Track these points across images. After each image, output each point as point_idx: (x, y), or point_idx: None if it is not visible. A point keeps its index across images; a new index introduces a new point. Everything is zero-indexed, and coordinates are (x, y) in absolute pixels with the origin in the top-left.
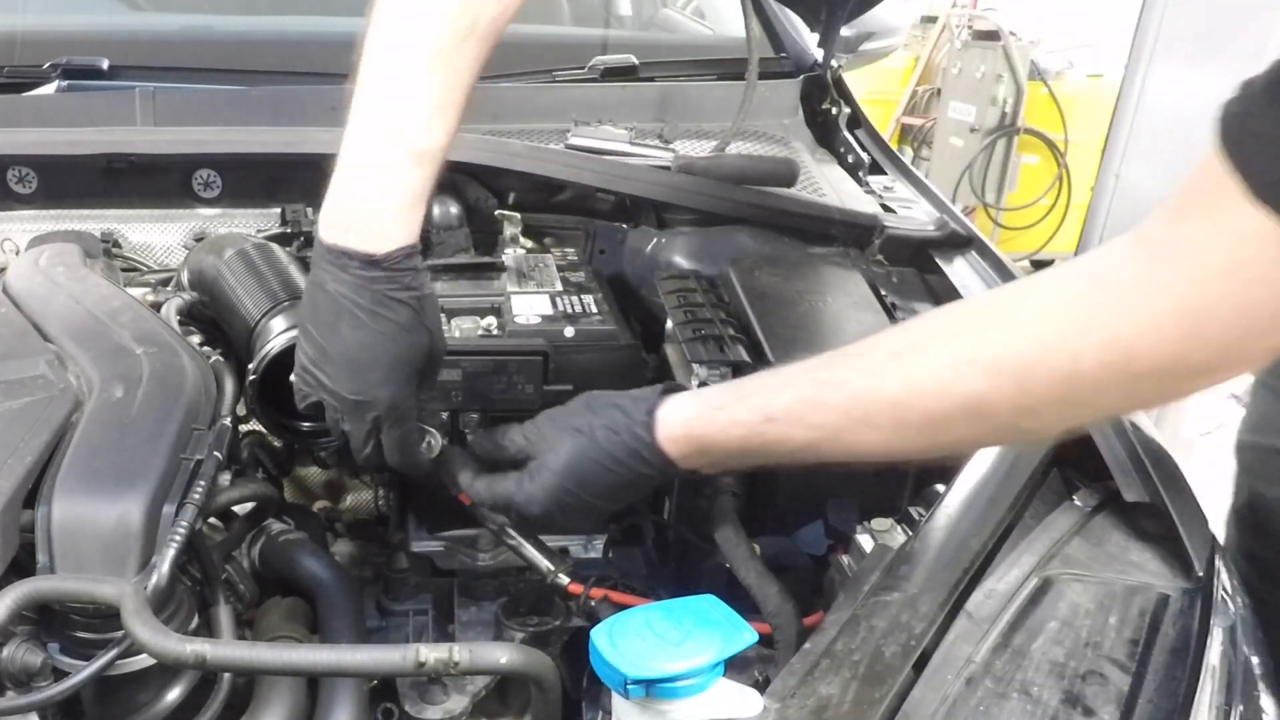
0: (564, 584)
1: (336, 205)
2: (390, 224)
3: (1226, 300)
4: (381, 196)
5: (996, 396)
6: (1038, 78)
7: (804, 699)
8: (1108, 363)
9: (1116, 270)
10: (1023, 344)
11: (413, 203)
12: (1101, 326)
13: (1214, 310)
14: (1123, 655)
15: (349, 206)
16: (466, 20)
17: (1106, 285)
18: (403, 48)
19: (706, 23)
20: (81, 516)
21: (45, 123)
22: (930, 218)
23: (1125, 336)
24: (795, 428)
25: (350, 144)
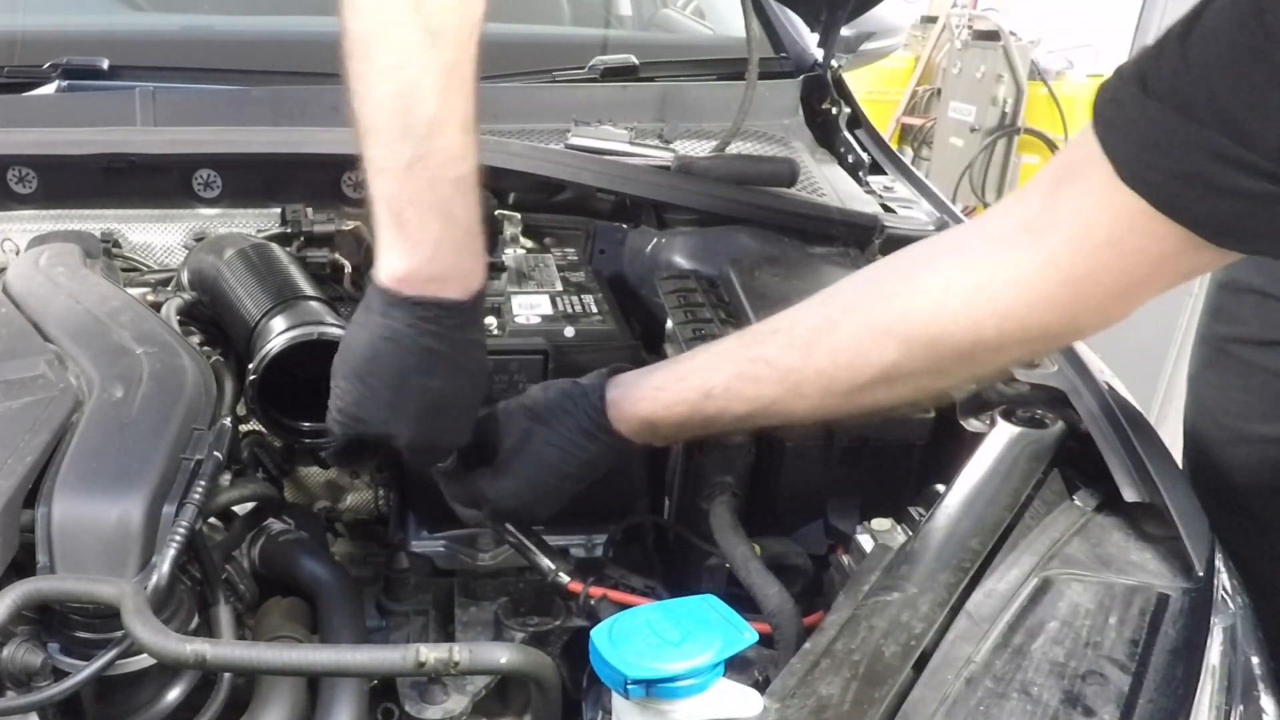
0: (564, 583)
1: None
2: (467, 258)
3: (1108, 269)
4: (451, 232)
5: (910, 363)
6: (1038, 78)
7: (804, 699)
8: (1005, 330)
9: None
10: (929, 315)
11: (477, 231)
12: (997, 299)
13: (1097, 278)
14: (1123, 655)
15: (425, 254)
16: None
17: (1000, 260)
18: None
19: (706, 23)
20: (81, 516)
21: (45, 123)
22: (930, 218)
23: (1019, 307)
24: (733, 402)
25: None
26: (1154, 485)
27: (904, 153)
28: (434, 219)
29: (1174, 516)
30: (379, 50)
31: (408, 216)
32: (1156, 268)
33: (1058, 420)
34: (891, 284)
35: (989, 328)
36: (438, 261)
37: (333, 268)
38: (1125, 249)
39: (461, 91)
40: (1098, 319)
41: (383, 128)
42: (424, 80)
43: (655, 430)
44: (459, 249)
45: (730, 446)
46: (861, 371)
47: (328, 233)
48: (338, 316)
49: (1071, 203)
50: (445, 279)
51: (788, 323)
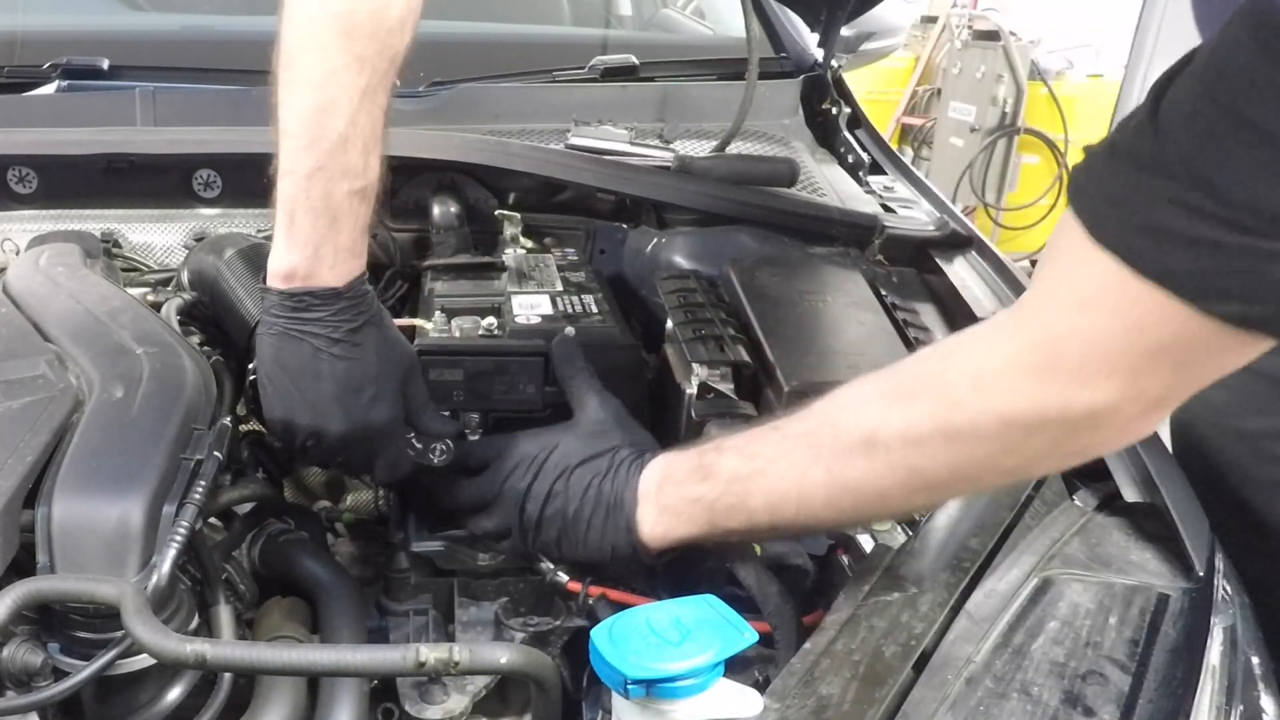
0: (564, 583)
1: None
2: (345, 260)
3: (1079, 332)
4: (337, 236)
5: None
6: (1038, 78)
7: (804, 699)
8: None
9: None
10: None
11: (360, 237)
12: (970, 357)
13: (1067, 342)
14: (1123, 655)
15: (306, 253)
16: (388, 57)
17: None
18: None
19: (706, 23)
20: (81, 516)
21: (45, 123)
22: (930, 218)
23: (989, 370)
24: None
25: (291, 191)
26: (1154, 485)
27: (904, 153)
28: (321, 224)
29: (1174, 516)
30: (305, 66)
31: (298, 219)
32: (1135, 335)
33: None
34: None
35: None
36: (317, 261)
37: None
38: (1098, 311)
39: (371, 114)
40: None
41: (295, 135)
42: (340, 99)
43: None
44: (338, 252)
45: None
46: (846, 434)
47: None
48: None
49: (1048, 268)
50: (322, 276)
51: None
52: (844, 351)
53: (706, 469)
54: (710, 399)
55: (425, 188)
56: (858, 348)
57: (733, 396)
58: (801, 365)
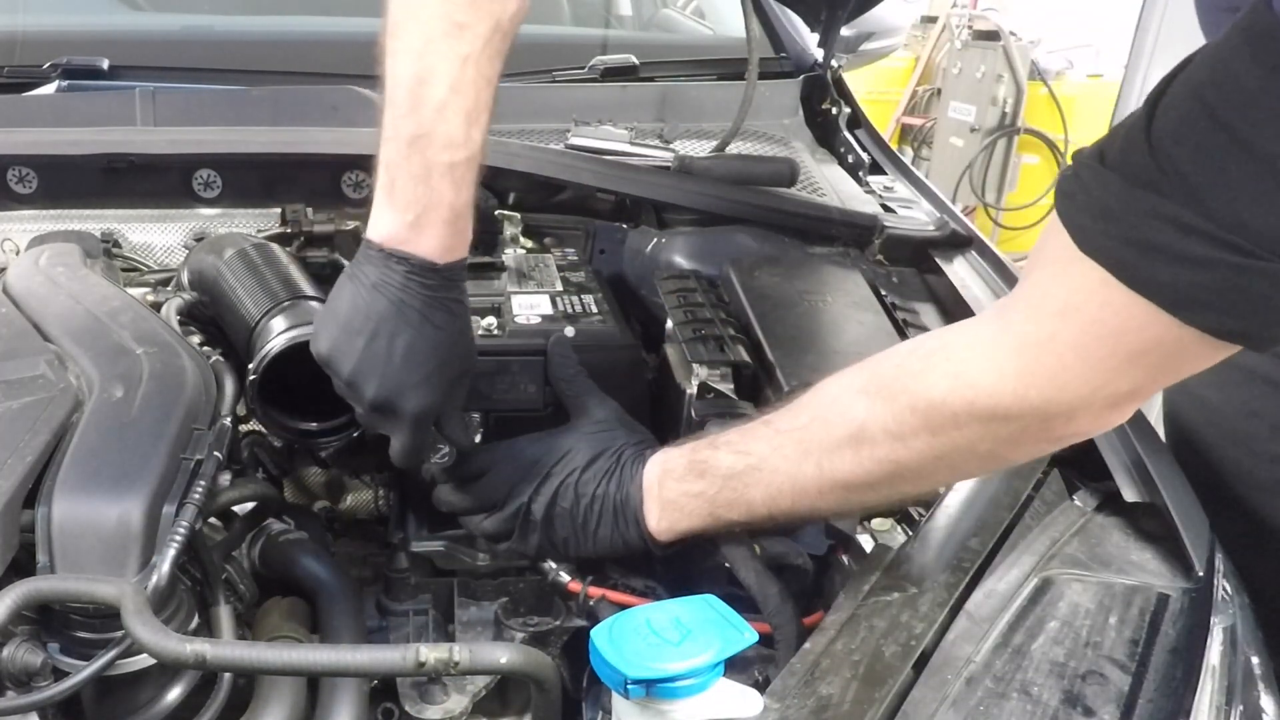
0: (564, 583)
1: (393, 218)
2: (448, 234)
3: (1061, 337)
4: (438, 207)
5: (873, 422)
6: (1038, 78)
7: (804, 699)
8: (957, 392)
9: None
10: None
11: (464, 213)
12: (952, 359)
13: (1049, 347)
14: (1123, 655)
15: (408, 218)
16: (489, 23)
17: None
18: (433, 56)
19: (706, 23)
20: (81, 516)
21: (45, 123)
22: (930, 218)
23: (972, 370)
24: None
25: (393, 157)
26: (1154, 485)
27: (904, 153)
28: (421, 191)
29: (1174, 516)
30: (406, 33)
31: (400, 185)
32: (1115, 341)
33: None
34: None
35: (941, 387)
36: (418, 228)
37: (333, 268)
38: (1081, 318)
39: (474, 84)
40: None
41: (398, 102)
42: (439, 67)
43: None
44: (439, 224)
45: None
46: (834, 429)
47: (328, 233)
48: None
49: (1037, 274)
50: (422, 244)
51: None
52: (844, 351)
53: (703, 465)
54: (710, 399)
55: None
56: (858, 348)
57: (733, 396)
58: (801, 365)
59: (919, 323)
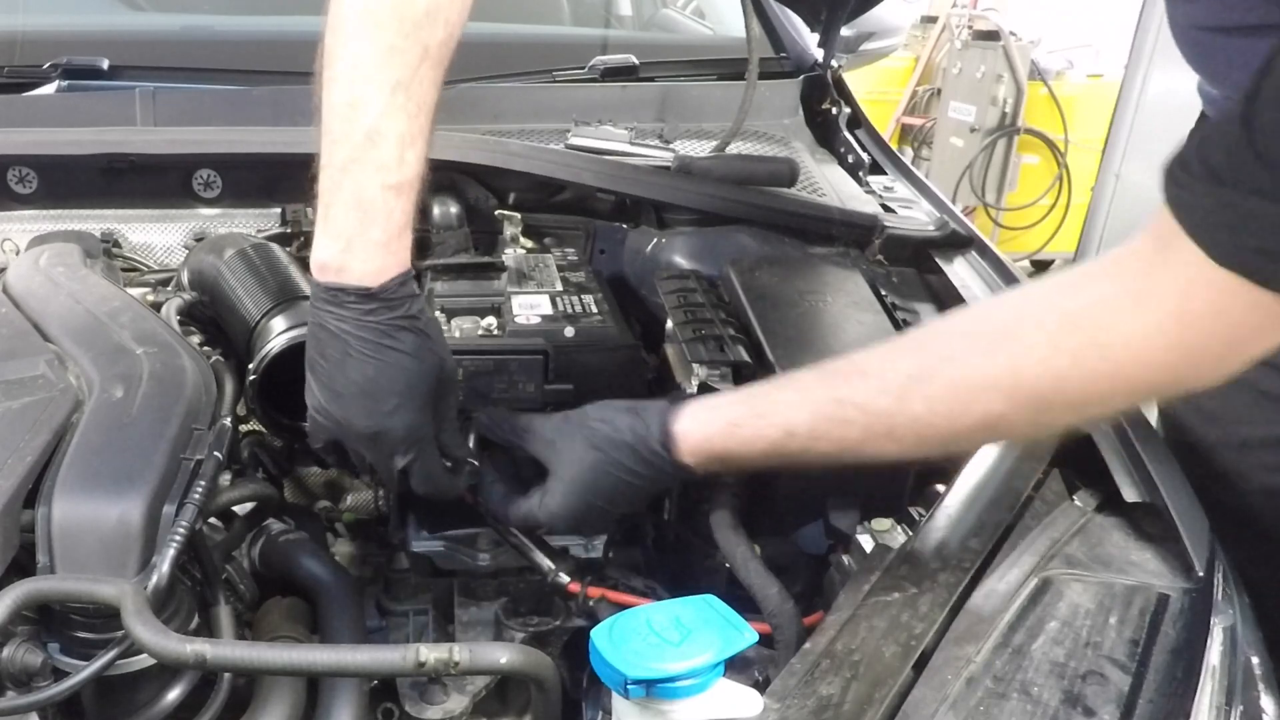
0: (564, 583)
1: (326, 246)
2: (380, 256)
3: (1215, 335)
4: (367, 231)
5: (1016, 416)
6: (1038, 78)
7: (804, 699)
8: (1115, 388)
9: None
10: (1038, 373)
11: (398, 233)
12: (1108, 360)
13: (1204, 345)
14: (1123, 655)
15: (338, 246)
16: (418, 50)
17: (1108, 324)
18: (363, 83)
19: (706, 23)
20: (81, 516)
21: (45, 123)
22: (930, 218)
23: (1129, 369)
24: (818, 442)
25: (328, 185)
26: (1154, 485)
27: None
28: (354, 218)
29: (1174, 516)
30: (338, 61)
31: (334, 212)
32: (1261, 330)
33: None
34: (990, 337)
35: (1100, 387)
36: (348, 254)
37: None
38: (1230, 319)
39: (405, 110)
40: (1207, 376)
41: (332, 130)
42: (369, 94)
43: (725, 462)
44: (370, 247)
45: None
46: (961, 421)
47: None
48: None
49: (1170, 274)
50: (355, 271)
51: (878, 366)
52: (844, 351)
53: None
54: None
55: (425, 187)
56: (858, 348)
57: None
58: (801, 365)
59: (919, 323)
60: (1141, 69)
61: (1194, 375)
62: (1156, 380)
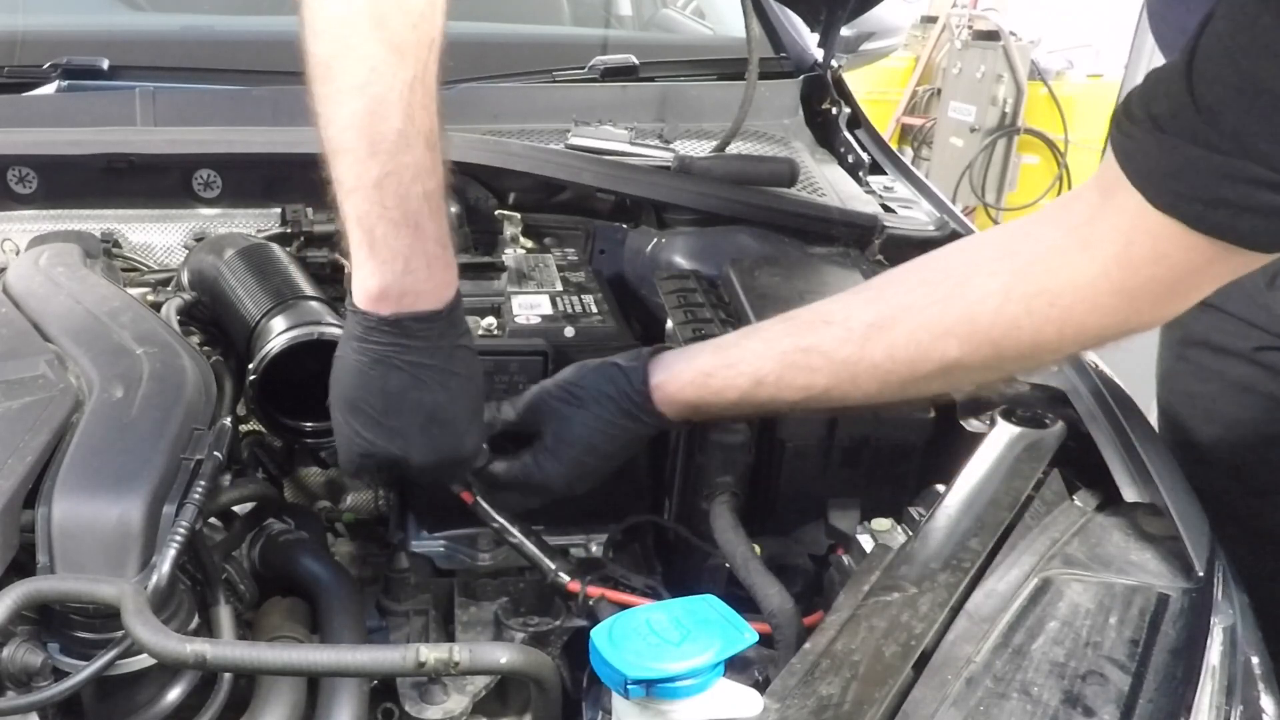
0: (564, 583)
1: (379, 272)
2: (441, 269)
3: (1156, 278)
4: (424, 245)
5: (970, 359)
6: (1038, 78)
7: (804, 699)
8: (1065, 334)
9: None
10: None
11: (447, 242)
12: (1057, 305)
13: (1147, 287)
14: (1123, 655)
15: (396, 268)
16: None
17: (1056, 267)
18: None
19: (706, 23)
20: (81, 516)
21: (45, 123)
22: (930, 218)
23: (1078, 313)
24: (785, 390)
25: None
26: (1154, 485)
27: (904, 153)
28: (404, 234)
29: (1174, 516)
30: (342, 71)
31: (379, 234)
32: (1200, 273)
33: (1058, 420)
34: (946, 285)
35: (1050, 331)
36: (409, 275)
37: (333, 268)
38: (1170, 262)
39: (426, 107)
40: (1149, 319)
41: (351, 148)
42: (389, 96)
43: (699, 411)
44: (430, 261)
45: (730, 446)
46: (920, 367)
47: (328, 233)
48: (338, 316)
49: (1113, 220)
50: (419, 292)
51: (840, 314)
52: None
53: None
54: None
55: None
56: None
57: None
58: None
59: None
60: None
61: (1137, 319)
62: (1104, 324)
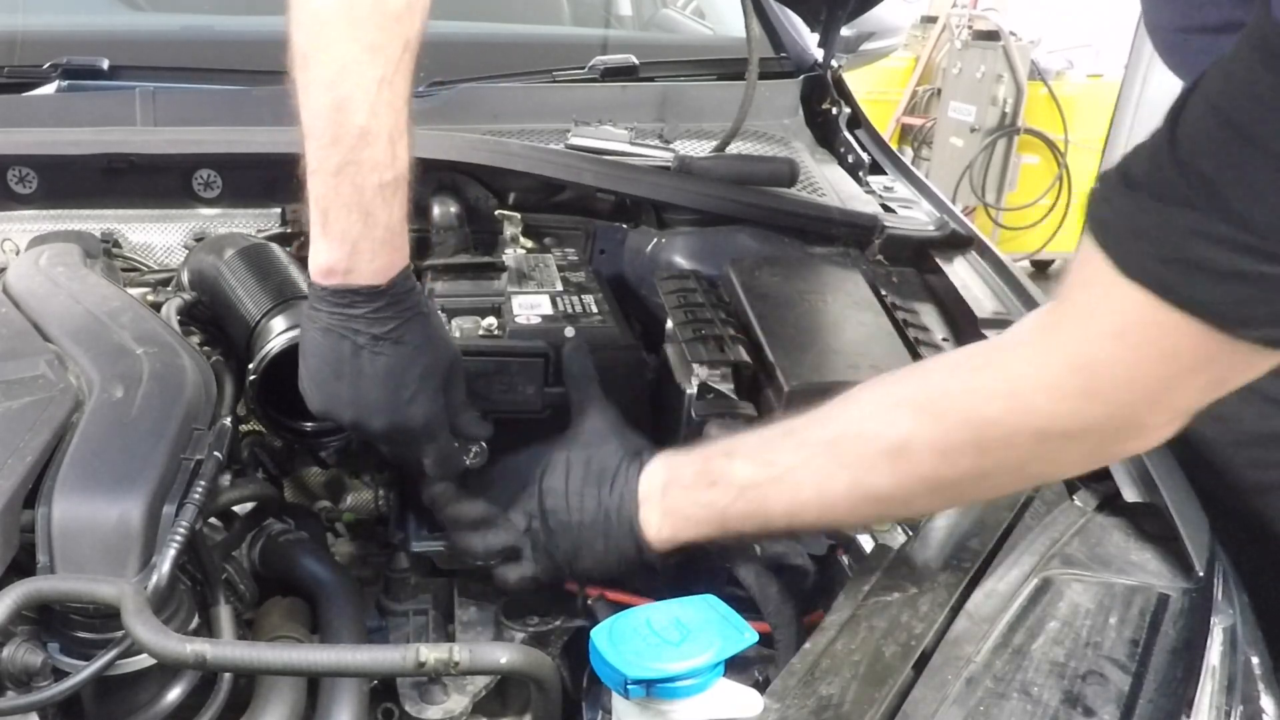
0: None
1: (329, 250)
2: (385, 253)
3: (1116, 359)
4: (371, 232)
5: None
6: (1038, 78)
7: (804, 699)
8: (1011, 411)
9: (1021, 337)
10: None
11: (398, 229)
12: (1005, 377)
13: (1106, 367)
14: (1123, 655)
15: (344, 250)
16: (399, 44)
17: (1009, 345)
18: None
19: (706, 23)
20: (81, 516)
21: (45, 123)
22: (930, 218)
23: (1026, 388)
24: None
25: (322, 190)
26: (1154, 485)
27: (904, 153)
28: (355, 219)
29: (1174, 516)
30: (317, 64)
31: (332, 216)
32: (1171, 360)
33: None
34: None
35: (995, 406)
36: (355, 257)
37: None
38: (1133, 340)
39: (393, 105)
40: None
41: (318, 134)
42: (355, 95)
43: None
44: (377, 246)
45: None
46: (871, 443)
47: None
48: None
49: (1078, 294)
50: (363, 269)
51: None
52: (844, 351)
53: (715, 474)
54: (710, 399)
55: (425, 188)
56: (858, 348)
57: (733, 396)
58: (801, 365)
59: (919, 323)
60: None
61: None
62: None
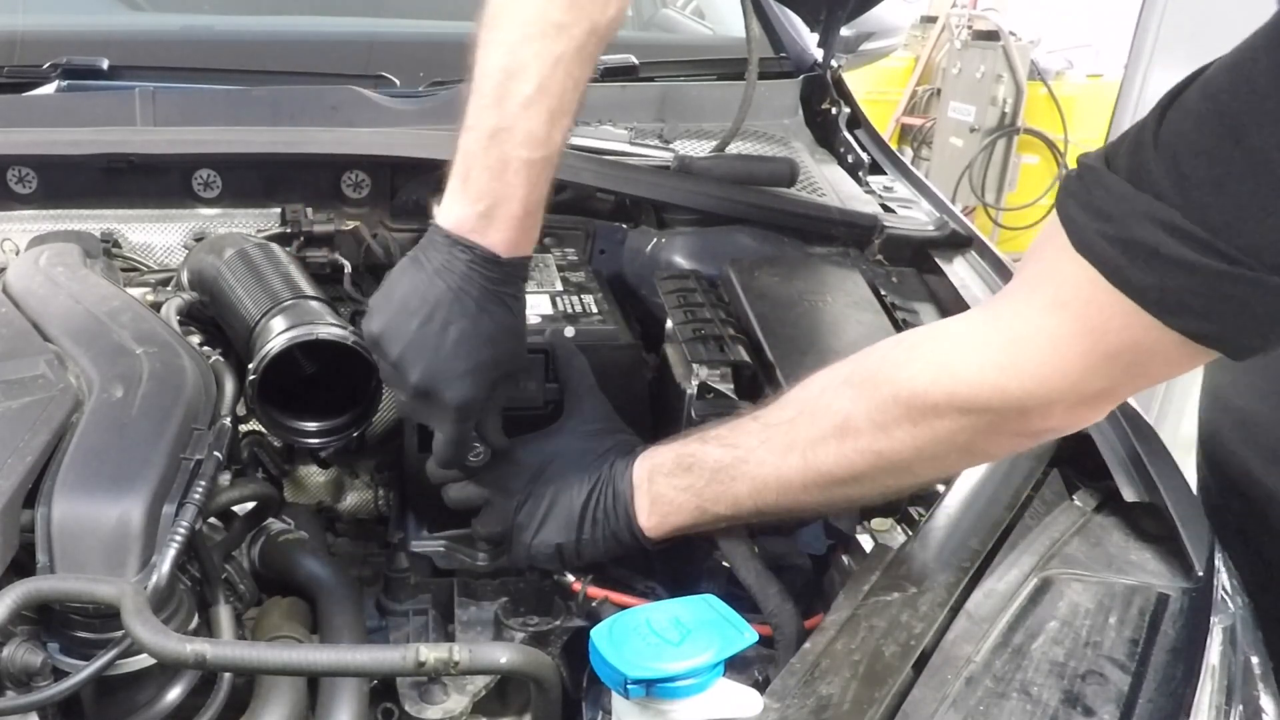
0: (565, 583)
1: (466, 206)
2: (516, 230)
3: (1045, 331)
4: (508, 204)
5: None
6: (1038, 78)
7: (804, 699)
8: (940, 384)
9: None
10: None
11: (534, 211)
12: (938, 349)
13: (1032, 340)
14: (1123, 655)
15: (480, 209)
16: (586, 25)
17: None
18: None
19: (706, 23)
20: (81, 516)
21: (45, 123)
22: (930, 218)
23: (954, 361)
24: None
25: (472, 147)
26: (1154, 485)
27: (904, 153)
28: (497, 186)
29: (1174, 516)
30: (502, 27)
31: (475, 175)
32: (1096, 338)
33: None
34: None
35: (924, 378)
36: (488, 220)
37: (333, 268)
38: (1067, 314)
39: (562, 85)
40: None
41: (484, 93)
42: (530, 64)
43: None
44: (512, 219)
45: None
46: (819, 421)
47: (328, 233)
48: (338, 316)
49: (1030, 268)
50: (491, 235)
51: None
52: (844, 351)
53: (690, 459)
54: (710, 399)
55: (425, 188)
56: (858, 348)
57: (733, 396)
58: (801, 365)
59: (919, 323)
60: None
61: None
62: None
